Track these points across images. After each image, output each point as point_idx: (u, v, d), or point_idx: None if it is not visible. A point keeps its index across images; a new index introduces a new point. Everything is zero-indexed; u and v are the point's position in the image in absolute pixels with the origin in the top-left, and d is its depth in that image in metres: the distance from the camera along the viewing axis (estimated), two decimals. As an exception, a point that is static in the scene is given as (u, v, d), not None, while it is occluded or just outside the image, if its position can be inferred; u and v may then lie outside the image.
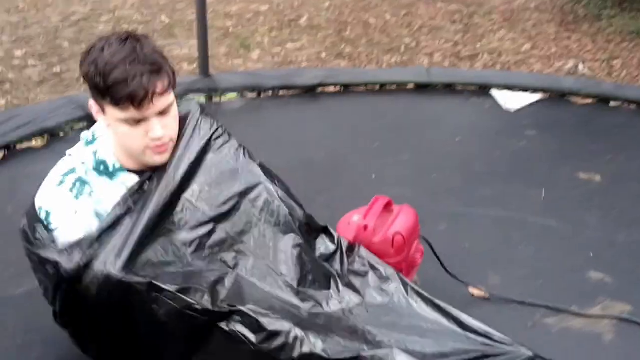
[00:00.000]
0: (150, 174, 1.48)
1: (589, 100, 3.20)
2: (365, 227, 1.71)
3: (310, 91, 3.29)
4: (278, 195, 1.60)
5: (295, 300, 1.46)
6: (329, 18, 5.21)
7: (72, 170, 1.47)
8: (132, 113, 1.36)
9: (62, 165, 1.49)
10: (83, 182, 1.46)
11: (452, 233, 2.24)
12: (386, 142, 2.84)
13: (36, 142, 2.75)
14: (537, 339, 1.73)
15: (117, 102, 1.35)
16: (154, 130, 1.40)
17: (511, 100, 3.20)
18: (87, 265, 1.34)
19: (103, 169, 1.46)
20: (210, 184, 1.53)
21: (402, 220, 1.75)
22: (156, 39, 4.61)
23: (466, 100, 3.24)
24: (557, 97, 3.23)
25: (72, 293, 1.39)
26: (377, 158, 2.72)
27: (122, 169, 1.47)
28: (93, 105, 1.43)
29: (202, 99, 3.16)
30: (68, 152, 1.52)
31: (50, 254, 1.39)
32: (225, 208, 1.52)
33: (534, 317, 1.88)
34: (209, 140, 1.56)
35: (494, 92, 3.28)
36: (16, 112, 2.91)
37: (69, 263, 1.35)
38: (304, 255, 1.56)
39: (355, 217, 1.75)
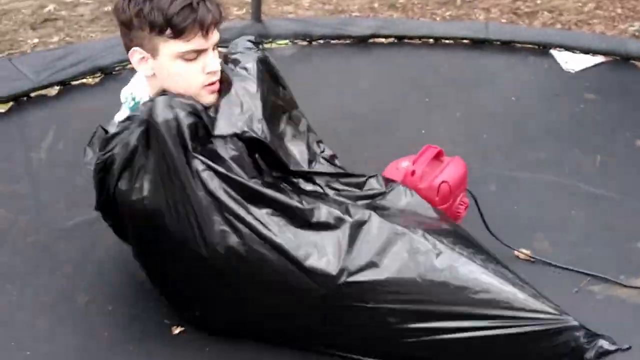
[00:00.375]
0: None
1: (655, 66, 3.05)
2: (413, 173, 1.72)
3: (362, 41, 3.22)
4: None
5: None
6: (385, -33, 5.05)
7: None
8: (196, 42, 1.38)
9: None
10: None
11: (502, 195, 2.20)
12: (438, 98, 2.77)
13: (89, 80, 2.79)
14: (580, 305, 1.71)
15: (183, 30, 1.35)
16: (212, 63, 1.42)
17: (572, 61, 3.07)
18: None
19: None
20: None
21: (450, 170, 1.75)
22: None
23: (524, 59, 3.12)
24: (621, 60, 3.08)
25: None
26: (428, 113, 2.67)
27: None
28: (137, 52, 1.42)
29: (253, 44, 3.14)
30: (115, 122, 1.53)
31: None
32: None
33: (579, 283, 1.84)
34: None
35: (554, 52, 3.15)
36: (71, 49, 2.95)
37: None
38: None
39: (404, 163, 1.76)
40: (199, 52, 1.40)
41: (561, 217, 2.11)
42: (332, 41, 3.22)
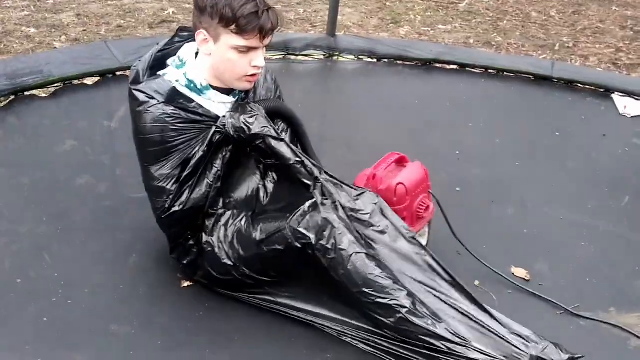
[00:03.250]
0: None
1: None
2: (374, 177, 1.85)
3: (425, 65, 3.37)
4: None
5: None
6: (490, 6, 5.06)
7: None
8: (252, 41, 1.61)
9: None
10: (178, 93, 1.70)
11: (518, 218, 2.26)
12: (483, 124, 2.87)
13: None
14: (562, 328, 1.76)
15: (244, 31, 1.58)
16: (259, 59, 1.65)
17: (631, 107, 3.05)
18: None
19: (193, 87, 1.71)
20: None
21: (407, 173, 1.86)
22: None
23: (582, 99, 3.14)
24: (686, 112, 3.03)
25: None
26: (466, 135, 2.77)
27: (209, 87, 1.71)
28: (202, 34, 1.65)
29: (320, 56, 3.38)
30: (161, 73, 1.74)
31: None
32: None
33: (567, 307, 1.87)
34: None
35: (615, 97, 3.15)
36: (160, 40, 3.29)
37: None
38: None
39: (368, 170, 1.90)
40: (251, 49, 1.63)
41: (568, 247, 2.13)
42: (397, 61, 3.40)
